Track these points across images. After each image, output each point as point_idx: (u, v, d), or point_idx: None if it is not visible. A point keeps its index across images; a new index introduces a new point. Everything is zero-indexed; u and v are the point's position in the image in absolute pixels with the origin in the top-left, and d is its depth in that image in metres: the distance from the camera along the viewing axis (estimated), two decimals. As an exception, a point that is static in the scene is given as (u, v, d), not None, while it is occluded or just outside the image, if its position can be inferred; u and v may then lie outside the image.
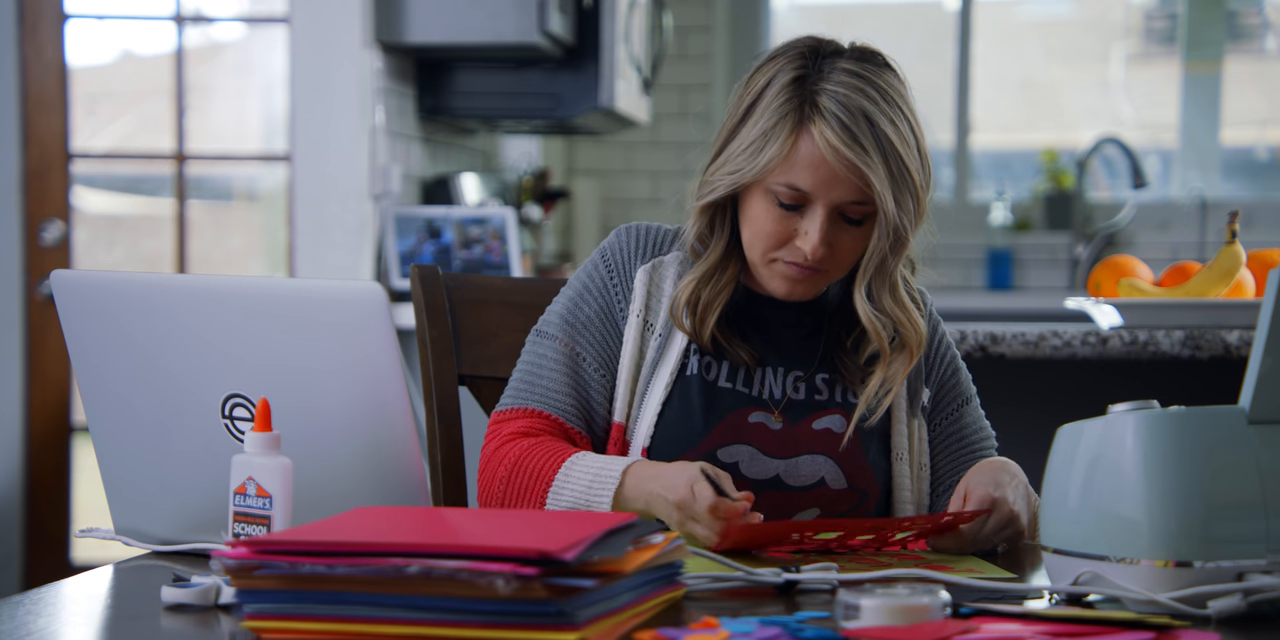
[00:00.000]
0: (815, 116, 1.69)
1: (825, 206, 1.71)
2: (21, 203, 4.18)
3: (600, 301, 1.83)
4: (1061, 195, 5.23)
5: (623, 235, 1.86)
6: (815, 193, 1.71)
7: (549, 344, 1.82)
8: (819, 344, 1.83)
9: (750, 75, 1.78)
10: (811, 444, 1.78)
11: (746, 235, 1.77)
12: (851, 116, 1.68)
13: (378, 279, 3.90)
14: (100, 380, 1.61)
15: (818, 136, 1.69)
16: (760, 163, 1.71)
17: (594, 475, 1.69)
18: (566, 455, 1.72)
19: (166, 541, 1.62)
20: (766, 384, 1.81)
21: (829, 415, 1.80)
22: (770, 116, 1.71)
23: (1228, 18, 5.55)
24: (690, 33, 5.35)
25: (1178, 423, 1.33)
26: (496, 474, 1.75)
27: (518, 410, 1.80)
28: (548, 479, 1.71)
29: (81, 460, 4.26)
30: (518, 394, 1.82)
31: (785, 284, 1.77)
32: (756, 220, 1.74)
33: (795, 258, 1.74)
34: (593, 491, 1.68)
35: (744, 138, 1.73)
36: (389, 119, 3.94)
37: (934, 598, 1.23)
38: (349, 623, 1.18)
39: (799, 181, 1.70)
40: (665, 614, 1.30)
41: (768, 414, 1.79)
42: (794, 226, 1.73)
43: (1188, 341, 2.57)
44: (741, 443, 1.77)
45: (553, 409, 1.79)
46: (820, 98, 1.70)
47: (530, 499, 1.72)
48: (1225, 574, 1.30)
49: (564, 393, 1.80)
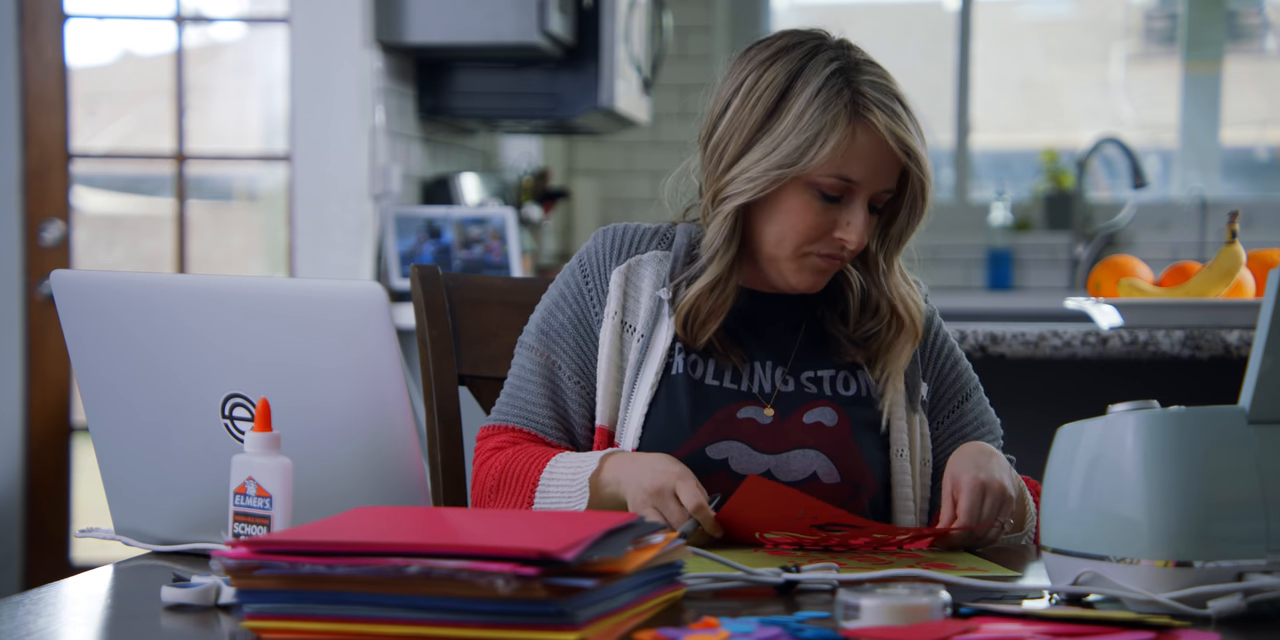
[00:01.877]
0: (869, 105, 1.71)
1: (866, 196, 1.73)
2: (21, 203, 4.18)
3: (574, 308, 1.83)
4: (1061, 195, 5.23)
5: (599, 238, 1.86)
6: (864, 182, 1.72)
7: (527, 354, 1.84)
8: (802, 333, 1.84)
9: (756, 68, 1.75)
10: (802, 438, 1.78)
11: (776, 231, 1.75)
12: (894, 101, 1.72)
13: (378, 279, 3.90)
14: (100, 380, 1.61)
15: (881, 126, 1.70)
16: (816, 157, 1.70)
17: (575, 466, 1.72)
18: (549, 456, 1.75)
19: (166, 541, 1.62)
20: (756, 378, 1.81)
21: (819, 407, 1.80)
22: (820, 109, 1.70)
23: (1228, 18, 5.55)
24: (690, 33, 5.35)
25: (1178, 423, 1.33)
26: (485, 485, 1.78)
27: (498, 427, 1.83)
28: (533, 479, 1.73)
29: (81, 460, 4.26)
30: (500, 410, 1.85)
31: (811, 277, 1.77)
32: (792, 214, 1.74)
33: (831, 249, 1.75)
34: (574, 481, 1.70)
35: (782, 133, 1.71)
36: (389, 119, 3.94)
37: (934, 598, 1.23)
38: (349, 623, 1.18)
39: (852, 173, 1.71)
40: (665, 614, 1.30)
41: (758, 408, 1.79)
42: (833, 218, 1.74)
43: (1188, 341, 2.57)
44: (730, 439, 1.77)
45: (530, 425, 1.82)
46: (864, 88, 1.71)
47: (519, 501, 1.74)
48: (1225, 574, 1.30)
49: (541, 405, 1.82)
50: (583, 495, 1.69)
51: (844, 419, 1.79)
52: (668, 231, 1.86)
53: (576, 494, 1.70)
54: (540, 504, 1.72)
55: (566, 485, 1.71)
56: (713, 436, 1.77)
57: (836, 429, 1.78)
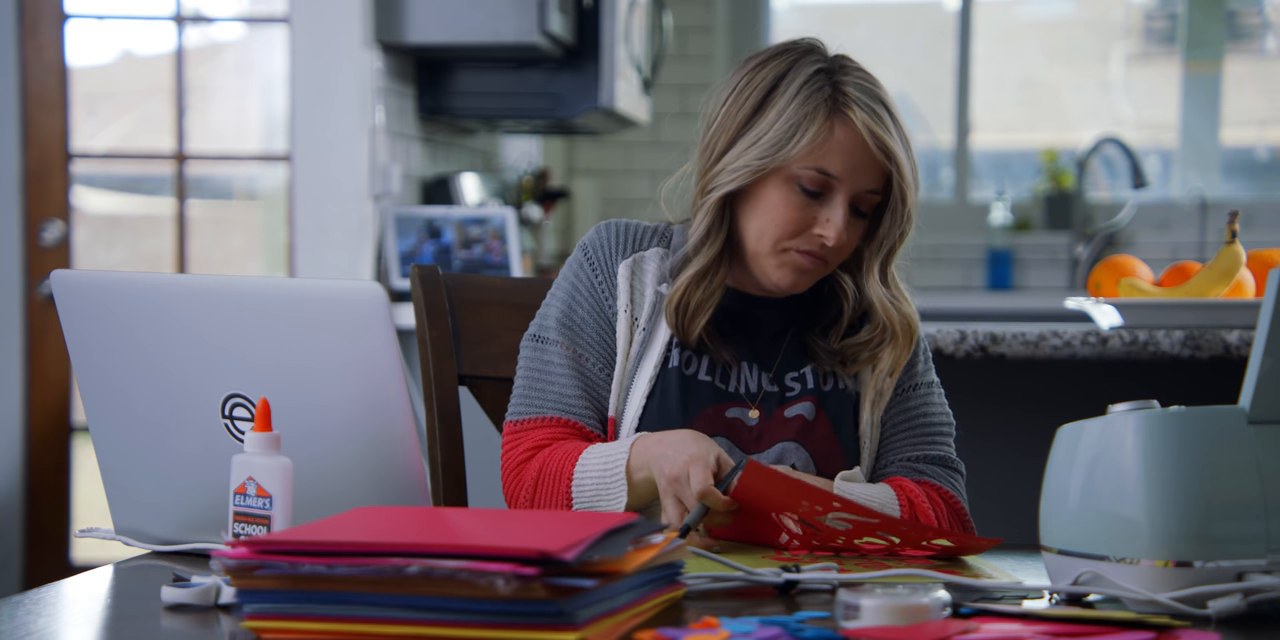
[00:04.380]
0: (850, 102, 1.74)
1: (847, 194, 1.75)
2: (21, 203, 4.18)
3: (591, 301, 1.85)
4: (1061, 195, 5.23)
5: (603, 231, 1.88)
6: (842, 178, 1.74)
7: (552, 349, 1.84)
8: (788, 339, 1.85)
9: (748, 72, 1.79)
10: (783, 432, 1.80)
11: (757, 225, 1.78)
12: (879, 105, 1.75)
13: (378, 279, 3.90)
14: (100, 380, 1.61)
15: (858, 121, 1.73)
16: (794, 147, 1.73)
17: (606, 458, 1.73)
18: (579, 451, 1.76)
19: (166, 541, 1.62)
20: (743, 380, 1.83)
21: (800, 403, 1.82)
22: (801, 103, 1.74)
23: (1228, 18, 5.55)
24: (690, 33, 5.35)
25: (1178, 423, 1.33)
26: (523, 484, 1.78)
27: (535, 420, 1.82)
28: (568, 475, 1.74)
29: (81, 460, 4.26)
30: (530, 402, 1.83)
31: (792, 275, 1.78)
32: (773, 208, 1.76)
33: (810, 246, 1.76)
34: (609, 474, 1.72)
35: (765, 126, 1.75)
36: (389, 119, 3.94)
37: (934, 598, 1.23)
38: (349, 623, 1.18)
39: (830, 166, 1.73)
40: (665, 614, 1.30)
41: (744, 409, 1.81)
42: (813, 214, 1.76)
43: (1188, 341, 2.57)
44: (718, 435, 1.80)
45: (570, 414, 1.82)
46: (847, 87, 1.75)
47: (557, 500, 1.75)
48: (1225, 574, 1.30)
49: (576, 395, 1.82)
50: (621, 489, 1.71)
51: (821, 413, 1.81)
52: (666, 231, 1.88)
53: (615, 488, 1.71)
54: (579, 499, 1.74)
55: (600, 478, 1.72)
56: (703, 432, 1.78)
57: (815, 423, 1.81)
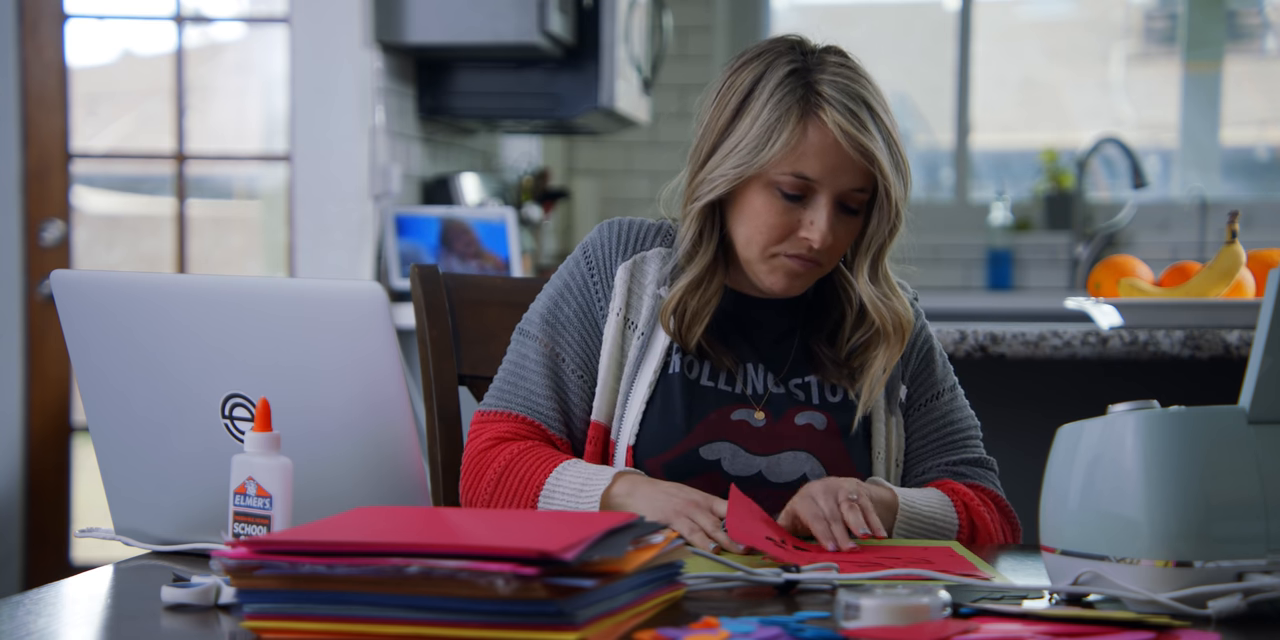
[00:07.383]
0: (822, 103, 1.71)
1: (830, 195, 1.73)
2: (21, 203, 4.18)
3: (580, 300, 1.83)
4: (1061, 195, 5.23)
5: (604, 231, 1.86)
6: (822, 180, 1.72)
7: (530, 344, 1.83)
8: (796, 341, 1.84)
9: (730, 75, 1.78)
10: (794, 440, 1.79)
11: (744, 232, 1.77)
12: (856, 103, 1.71)
13: (378, 279, 3.90)
14: (100, 380, 1.61)
15: (829, 122, 1.70)
16: (768, 153, 1.71)
17: (585, 477, 1.71)
18: (557, 462, 1.74)
19: (166, 541, 1.62)
20: (749, 381, 1.82)
21: (809, 411, 1.81)
22: (773, 108, 1.72)
23: (1228, 18, 5.55)
24: (690, 33, 5.35)
25: (1178, 423, 1.33)
26: (484, 476, 1.76)
27: (501, 413, 1.82)
28: (538, 483, 1.72)
29: (81, 460, 4.26)
30: (501, 395, 1.83)
31: (784, 279, 1.77)
32: (758, 214, 1.75)
33: (798, 250, 1.75)
34: (583, 492, 1.70)
35: (742, 132, 1.73)
36: (389, 119, 3.94)
37: (934, 598, 1.23)
38: (349, 623, 1.18)
39: (807, 169, 1.72)
40: (665, 614, 1.30)
41: (750, 411, 1.80)
42: (798, 218, 1.74)
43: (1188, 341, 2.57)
44: (723, 440, 1.78)
45: (534, 414, 1.81)
46: (822, 86, 1.72)
47: (521, 501, 1.73)
48: (1225, 574, 1.30)
49: (545, 396, 1.81)
50: (592, 507, 1.69)
51: (832, 423, 1.80)
52: (670, 229, 1.87)
53: (585, 505, 1.69)
54: (544, 507, 1.72)
55: (574, 495, 1.70)
56: (706, 437, 1.78)
57: (826, 432, 1.79)
